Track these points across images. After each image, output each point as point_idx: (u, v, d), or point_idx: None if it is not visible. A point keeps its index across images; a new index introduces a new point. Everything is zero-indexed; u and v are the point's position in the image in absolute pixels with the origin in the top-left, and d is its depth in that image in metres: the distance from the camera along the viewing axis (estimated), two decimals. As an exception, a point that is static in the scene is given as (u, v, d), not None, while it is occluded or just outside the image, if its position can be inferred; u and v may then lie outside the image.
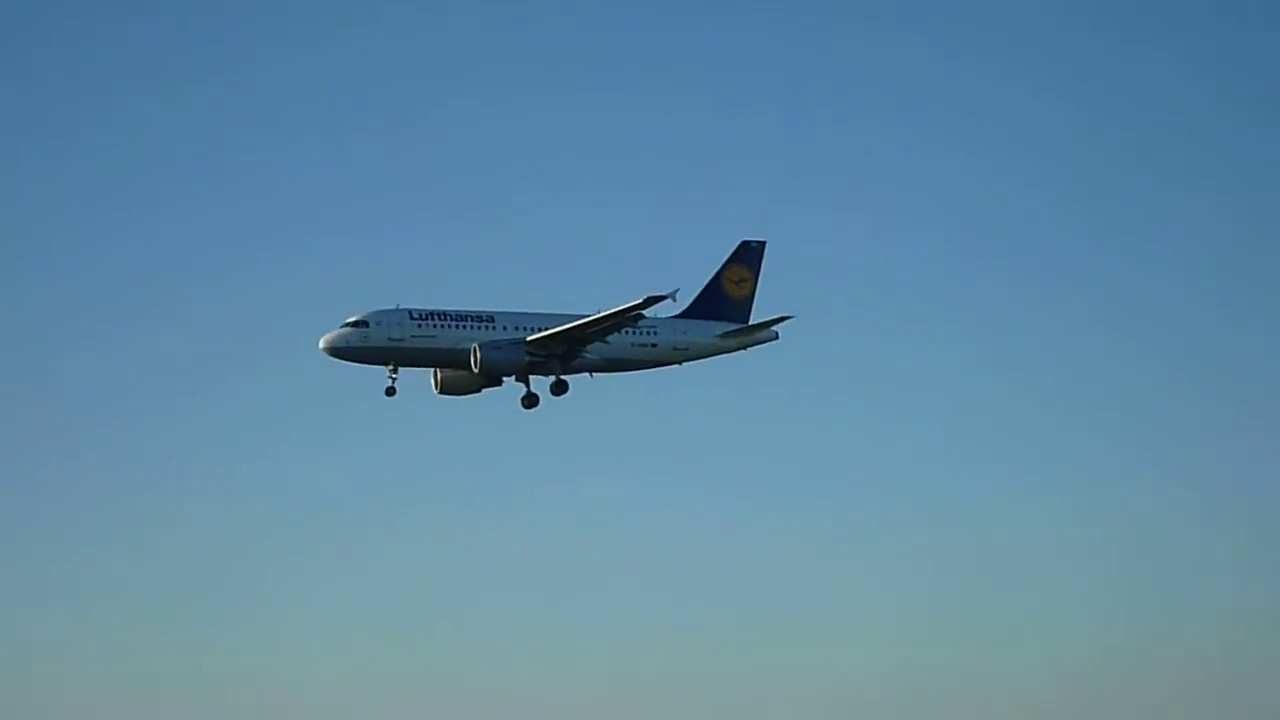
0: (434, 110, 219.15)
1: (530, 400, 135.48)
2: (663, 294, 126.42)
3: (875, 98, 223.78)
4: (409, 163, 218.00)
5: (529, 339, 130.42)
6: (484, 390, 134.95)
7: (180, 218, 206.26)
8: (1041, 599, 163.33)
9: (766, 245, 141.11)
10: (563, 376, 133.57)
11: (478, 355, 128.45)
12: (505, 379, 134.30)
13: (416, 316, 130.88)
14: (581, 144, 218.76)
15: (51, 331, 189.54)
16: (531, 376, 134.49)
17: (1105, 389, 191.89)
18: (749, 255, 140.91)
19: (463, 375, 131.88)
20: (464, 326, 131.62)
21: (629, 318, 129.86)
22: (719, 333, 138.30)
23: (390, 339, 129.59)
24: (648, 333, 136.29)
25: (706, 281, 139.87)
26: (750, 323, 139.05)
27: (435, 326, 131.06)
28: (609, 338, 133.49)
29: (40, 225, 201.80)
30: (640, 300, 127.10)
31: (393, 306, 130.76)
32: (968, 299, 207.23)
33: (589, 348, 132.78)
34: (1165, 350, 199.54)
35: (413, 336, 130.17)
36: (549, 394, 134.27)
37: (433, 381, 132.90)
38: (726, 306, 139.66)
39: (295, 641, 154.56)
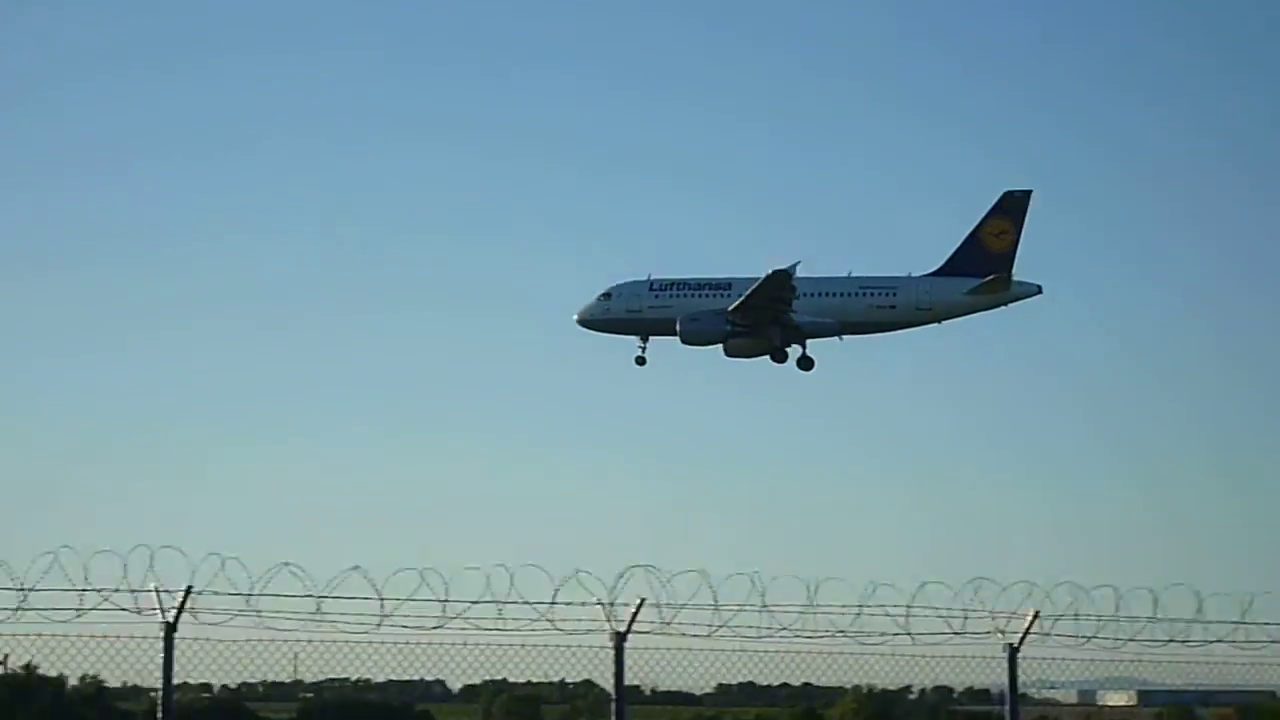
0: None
1: (805, 363, 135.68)
2: (784, 267, 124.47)
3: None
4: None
5: (729, 309, 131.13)
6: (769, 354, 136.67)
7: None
8: None
9: (1032, 195, 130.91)
10: (794, 343, 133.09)
11: (678, 329, 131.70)
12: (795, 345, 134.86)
13: (655, 287, 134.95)
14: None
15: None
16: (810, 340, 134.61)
17: None
18: (1012, 206, 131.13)
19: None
20: (701, 296, 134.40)
21: (785, 290, 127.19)
22: (965, 290, 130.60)
23: (629, 310, 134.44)
24: (886, 294, 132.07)
25: (965, 236, 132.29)
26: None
27: (672, 296, 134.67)
28: (842, 301, 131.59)
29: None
30: (767, 275, 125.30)
31: (644, 277, 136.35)
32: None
33: (809, 312, 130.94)
34: None
35: (650, 307, 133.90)
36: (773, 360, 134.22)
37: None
38: (986, 261, 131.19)
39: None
